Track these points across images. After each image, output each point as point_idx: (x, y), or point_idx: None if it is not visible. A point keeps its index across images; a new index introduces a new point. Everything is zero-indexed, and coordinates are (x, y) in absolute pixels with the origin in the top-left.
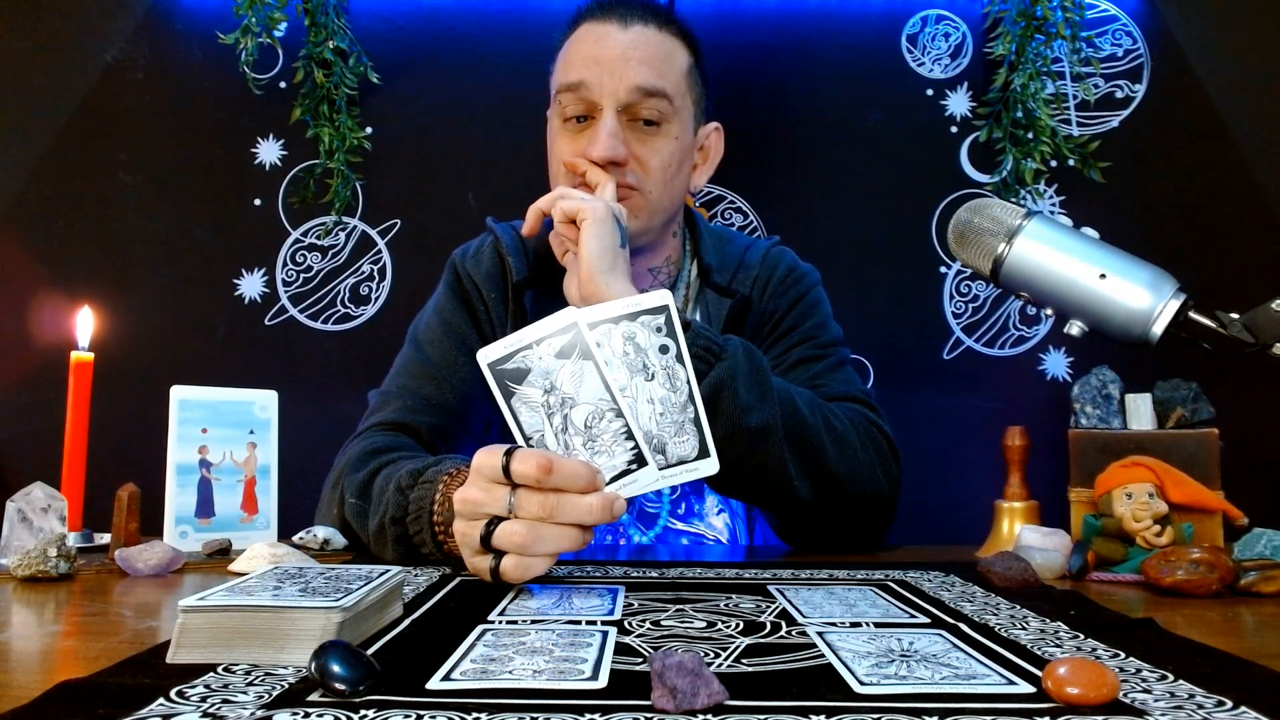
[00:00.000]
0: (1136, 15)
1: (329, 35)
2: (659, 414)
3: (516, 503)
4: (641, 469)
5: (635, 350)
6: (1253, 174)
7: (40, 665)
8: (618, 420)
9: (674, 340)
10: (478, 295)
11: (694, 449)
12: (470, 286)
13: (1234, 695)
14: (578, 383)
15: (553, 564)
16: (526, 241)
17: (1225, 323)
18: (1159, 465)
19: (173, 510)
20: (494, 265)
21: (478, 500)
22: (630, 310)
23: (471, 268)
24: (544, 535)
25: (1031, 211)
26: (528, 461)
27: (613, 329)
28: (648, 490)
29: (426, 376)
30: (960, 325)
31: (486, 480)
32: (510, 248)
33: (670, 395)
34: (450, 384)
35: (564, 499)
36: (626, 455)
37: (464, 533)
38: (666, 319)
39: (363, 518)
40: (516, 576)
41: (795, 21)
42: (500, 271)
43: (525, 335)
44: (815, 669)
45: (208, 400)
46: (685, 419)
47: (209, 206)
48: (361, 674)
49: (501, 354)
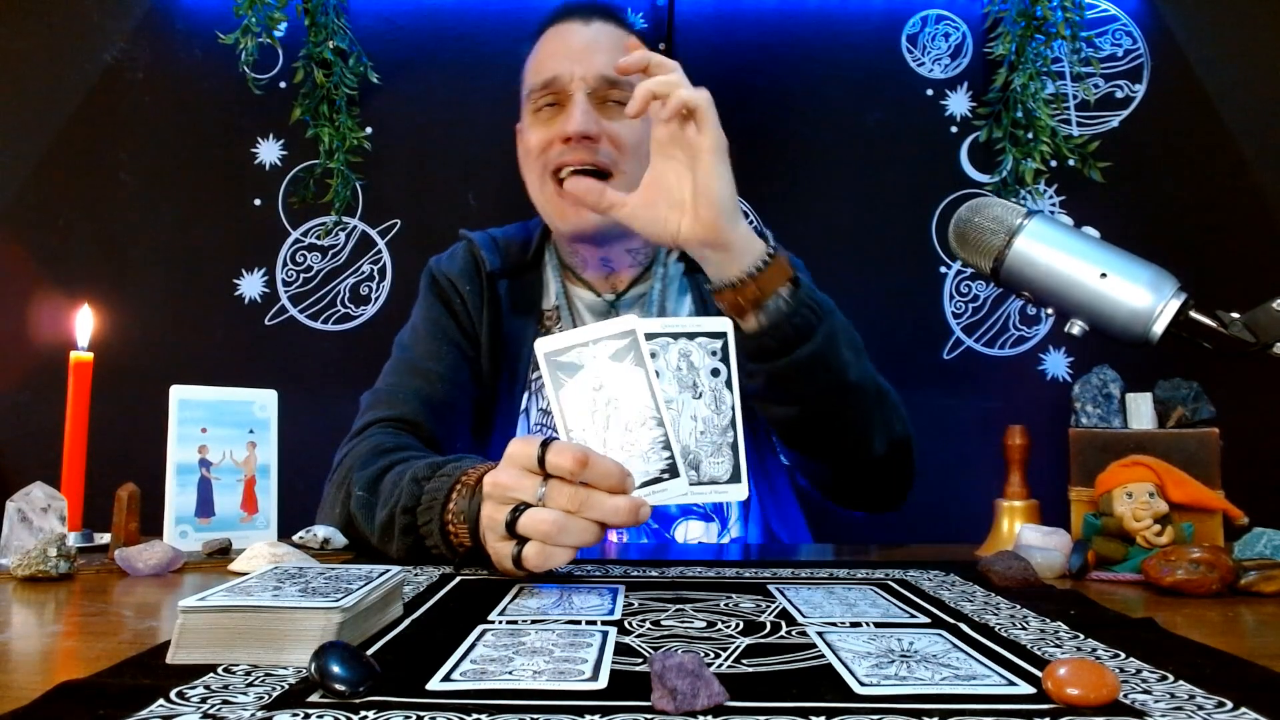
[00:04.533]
0: (1136, 15)
1: (329, 35)
2: (700, 432)
3: (547, 493)
4: (672, 480)
5: (689, 368)
6: (1253, 174)
7: (40, 665)
8: (658, 429)
9: (726, 366)
10: (454, 290)
11: (727, 472)
12: (446, 284)
13: (1234, 695)
14: (626, 387)
15: (572, 557)
16: (499, 241)
17: (1225, 322)
18: (1159, 465)
19: (173, 510)
20: (468, 262)
21: (508, 485)
22: (690, 330)
23: (446, 268)
24: (570, 527)
25: (1032, 211)
26: (564, 454)
27: (671, 344)
28: (674, 502)
29: (415, 372)
30: (960, 325)
31: (520, 468)
32: (484, 245)
33: (714, 416)
34: (438, 373)
35: (593, 495)
36: (660, 464)
37: (490, 516)
38: (724, 345)
39: (369, 510)
40: (537, 564)
41: (795, 21)
42: (474, 267)
43: (583, 334)
44: (815, 669)
45: (207, 400)
46: (724, 442)
47: (209, 206)
48: (361, 674)
49: (558, 346)
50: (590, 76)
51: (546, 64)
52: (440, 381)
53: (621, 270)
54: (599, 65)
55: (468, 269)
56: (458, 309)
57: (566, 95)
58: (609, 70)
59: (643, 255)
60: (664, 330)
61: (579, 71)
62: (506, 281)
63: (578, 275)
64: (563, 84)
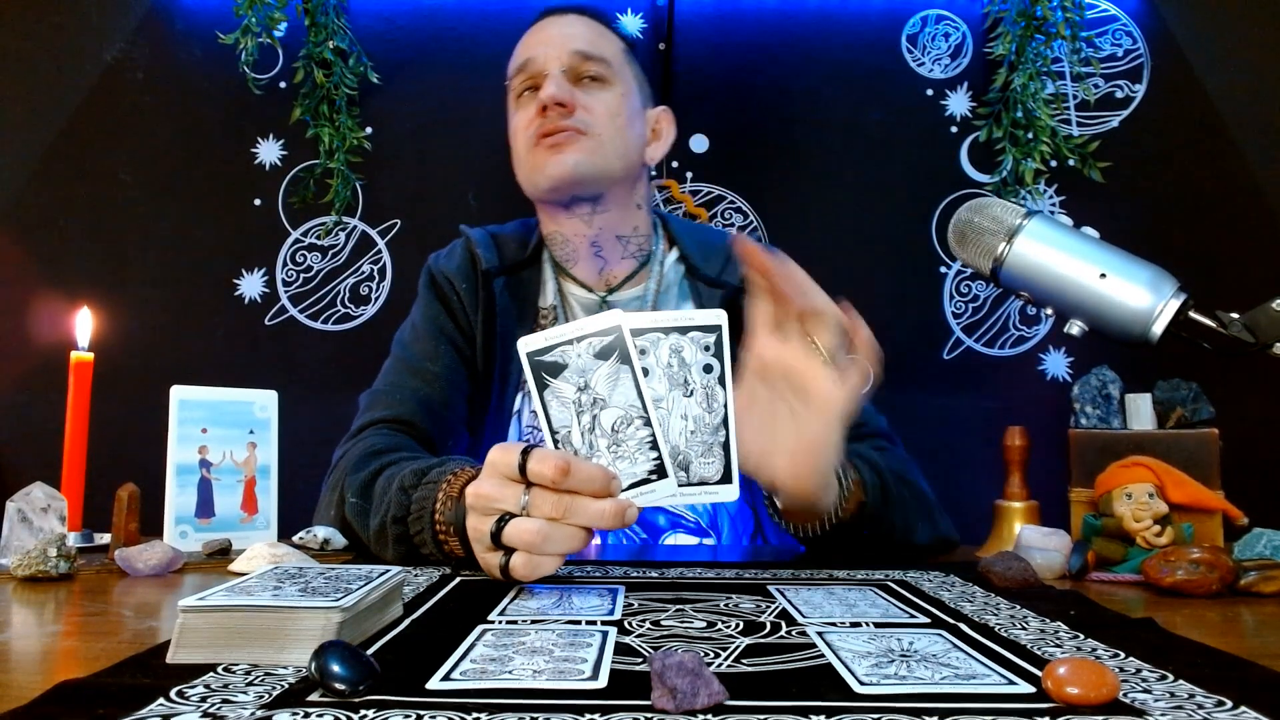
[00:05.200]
0: (1136, 15)
1: (329, 35)
2: (690, 431)
3: (531, 501)
4: (660, 481)
5: (679, 364)
6: (1253, 174)
7: (40, 665)
8: (645, 428)
9: (720, 361)
10: (451, 288)
11: (717, 472)
12: (443, 281)
13: (1234, 695)
14: (611, 385)
15: (561, 564)
16: (497, 237)
17: (1225, 323)
18: (1159, 465)
19: (173, 510)
20: (465, 260)
21: (491, 495)
22: (682, 323)
23: (444, 265)
24: (554, 535)
25: (1032, 211)
26: (546, 462)
27: (661, 339)
28: (662, 503)
29: (411, 372)
30: (960, 325)
31: (501, 477)
32: (480, 242)
33: (705, 415)
34: (433, 372)
35: (577, 501)
36: (648, 464)
37: (475, 528)
38: (717, 339)
39: (364, 517)
40: (525, 574)
41: (795, 21)
42: (470, 264)
43: (567, 330)
44: (815, 669)
45: (208, 400)
46: (715, 441)
47: (209, 206)
48: (361, 674)
49: (541, 345)
50: (564, 54)
51: (522, 52)
52: (437, 382)
53: (614, 263)
54: (570, 44)
55: (464, 266)
56: (454, 307)
57: (543, 75)
58: (580, 46)
59: (634, 246)
60: (654, 325)
61: (553, 53)
62: (503, 279)
63: (570, 273)
64: (538, 65)
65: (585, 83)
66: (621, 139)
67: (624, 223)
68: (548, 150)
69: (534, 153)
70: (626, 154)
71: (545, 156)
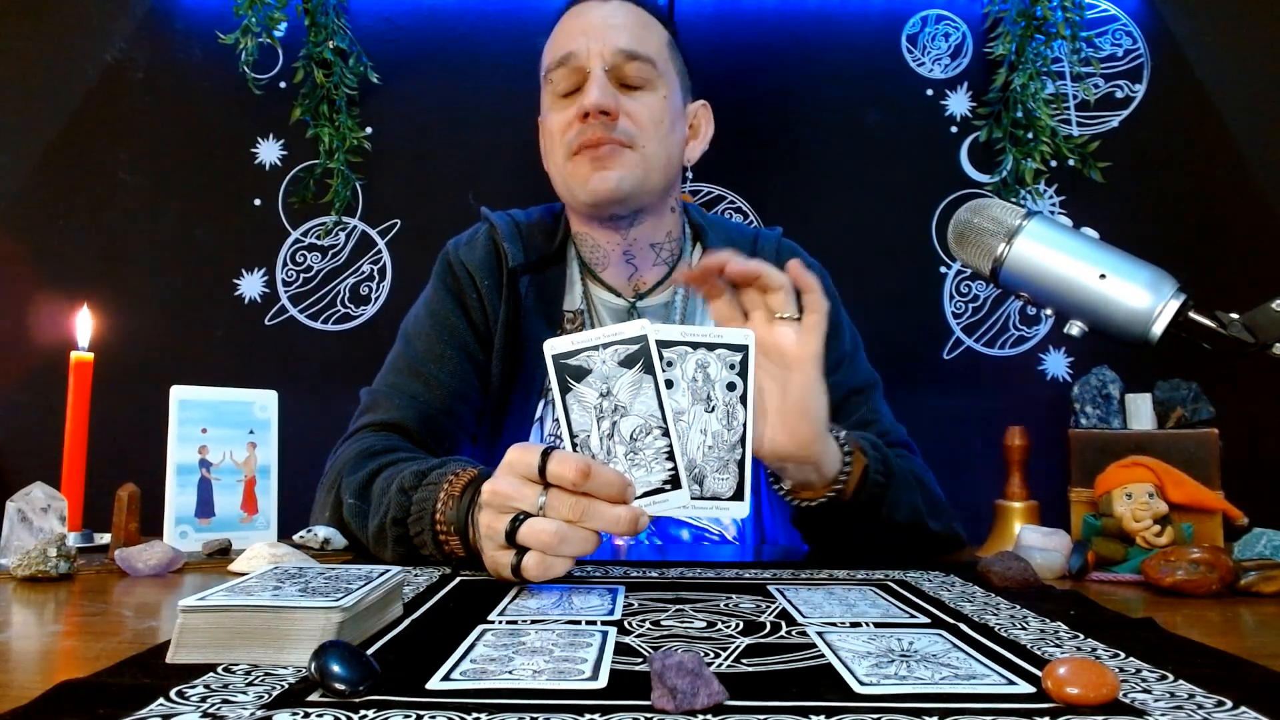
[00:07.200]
0: (1136, 15)
1: (329, 35)
2: (708, 445)
3: (548, 502)
4: (674, 491)
5: (704, 379)
6: (1253, 174)
7: (40, 665)
8: (663, 439)
9: (744, 381)
10: (470, 284)
11: (730, 489)
12: (463, 274)
13: (1234, 695)
14: (634, 394)
15: (571, 566)
16: (522, 227)
17: (1225, 323)
18: (1159, 465)
19: (173, 510)
20: (488, 253)
21: (508, 494)
22: (710, 340)
23: (465, 255)
24: (570, 537)
25: (1031, 211)
26: (567, 464)
27: (689, 353)
28: (673, 514)
29: (414, 374)
30: (960, 325)
31: (519, 476)
32: (506, 234)
33: (724, 432)
34: (438, 379)
35: (594, 505)
36: (663, 474)
37: (489, 525)
38: (743, 359)
39: (362, 518)
40: (537, 575)
41: (795, 21)
42: (495, 259)
43: (593, 336)
44: (815, 669)
45: (208, 400)
46: (731, 459)
47: (209, 206)
48: (361, 674)
49: (567, 349)
50: (607, 52)
51: (562, 41)
52: (439, 388)
53: (645, 270)
54: (615, 40)
55: (488, 261)
56: (471, 304)
57: (583, 73)
58: (625, 43)
59: (666, 253)
60: (683, 339)
61: (595, 48)
62: (529, 278)
63: (598, 276)
64: (579, 60)
65: (629, 88)
66: (664, 148)
67: (658, 230)
68: (590, 164)
69: (574, 162)
70: (669, 164)
71: (587, 171)
